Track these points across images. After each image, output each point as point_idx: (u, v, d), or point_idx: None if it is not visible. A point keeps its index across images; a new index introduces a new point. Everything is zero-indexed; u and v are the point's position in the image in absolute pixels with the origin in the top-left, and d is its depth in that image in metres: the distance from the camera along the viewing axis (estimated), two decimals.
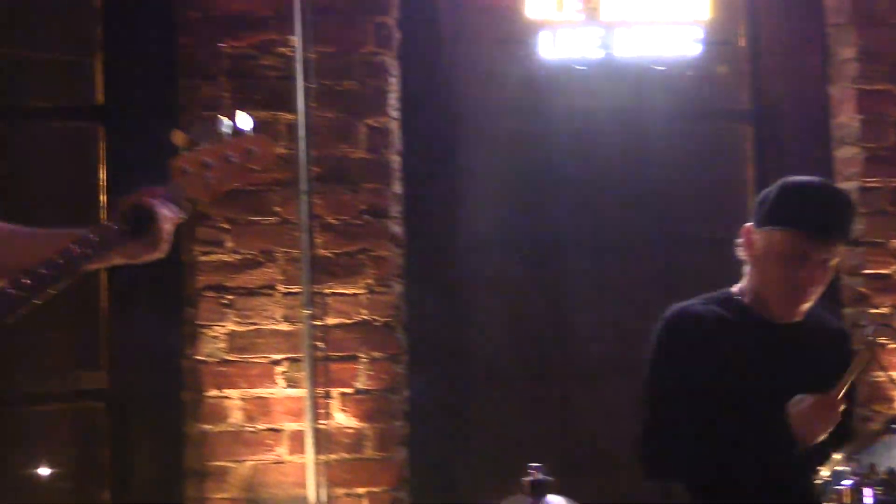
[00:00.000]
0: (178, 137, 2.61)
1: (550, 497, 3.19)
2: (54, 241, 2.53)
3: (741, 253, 3.36)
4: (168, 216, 2.53)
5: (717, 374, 3.31)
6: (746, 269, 3.36)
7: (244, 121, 2.67)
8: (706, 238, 4.76)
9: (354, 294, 4.47)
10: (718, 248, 3.61)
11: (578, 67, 4.68)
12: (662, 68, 4.70)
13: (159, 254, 2.56)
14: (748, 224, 3.30)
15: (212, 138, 2.61)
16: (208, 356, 4.41)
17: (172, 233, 2.56)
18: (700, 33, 4.62)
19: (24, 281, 2.41)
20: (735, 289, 3.40)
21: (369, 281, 4.48)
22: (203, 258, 4.44)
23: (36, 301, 2.45)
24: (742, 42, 4.93)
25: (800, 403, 3.25)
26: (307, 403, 4.35)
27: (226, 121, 2.63)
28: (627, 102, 4.79)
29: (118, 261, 2.57)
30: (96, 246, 2.49)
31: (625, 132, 4.80)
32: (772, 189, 3.35)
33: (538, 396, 4.85)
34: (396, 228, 4.56)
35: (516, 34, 4.69)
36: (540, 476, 3.15)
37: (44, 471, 4.90)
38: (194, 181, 2.57)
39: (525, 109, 4.87)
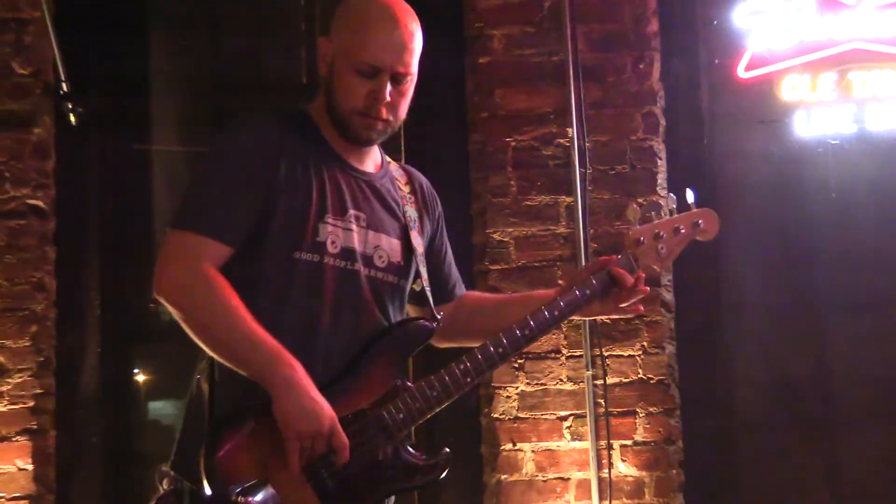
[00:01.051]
0: (632, 212, 2.91)
1: None
2: (531, 301, 2.79)
3: None
4: (629, 282, 2.73)
5: None
6: None
7: (690, 195, 2.83)
8: None
9: (631, 355, 4.57)
10: None
11: (833, 142, 4.74)
12: None
13: (617, 312, 2.80)
14: None
15: (661, 212, 2.82)
16: (503, 414, 4.55)
17: (635, 297, 2.76)
18: None
19: (518, 329, 2.68)
20: None
21: (644, 343, 4.58)
22: None
23: (517, 354, 2.79)
24: None
25: None
26: (591, 455, 4.46)
27: (674, 196, 2.82)
28: (881, 173, 4.77)
29: (580, 316, 2.83)
30: (578, 298, 2.73)
31: (879, 200, 4.78)
32: None
33: (801, 445, 4.83)
34: (667, 295, 4.65)
35: (772, 114, 4.76)
36: None
37: None
38: (647, 250, 2.78)
39: (783, 183, 4.88)
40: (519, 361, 4.52)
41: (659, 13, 4.74)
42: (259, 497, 2.48)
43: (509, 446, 4.53)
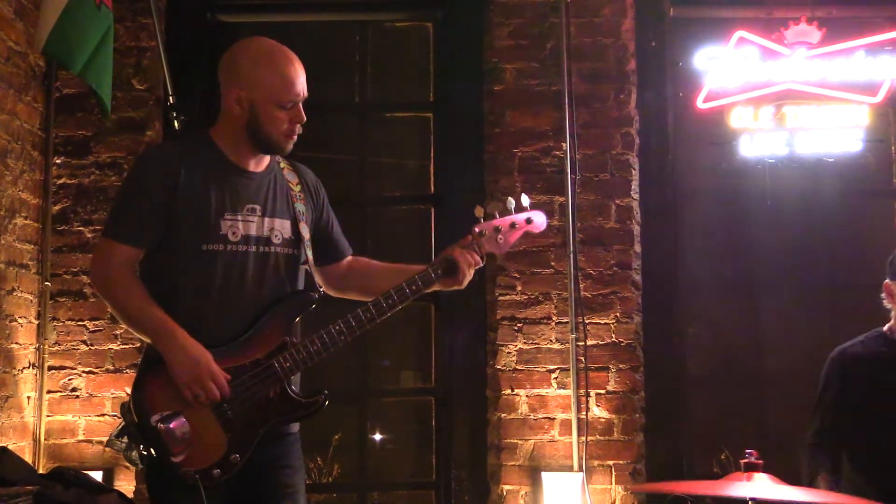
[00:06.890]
0: (478, 211, 3.01)
1: (760, 475, 3.16)
2: (404, 273, 2.99)
3: (886, 303, 3.75)
4: (470, 263, 2.96)
5: (872, 395, 3.67)
6: (893, 313, 3.77)
7: (525, 199, 3.03)
8: (865, 284, 4.47)
9: (606, 323, 4.76)
10: (874, 292, 3.86)
11: (769, 161, 4.93)
12: (832, 160, 4.92)
13: (461, 286, 2.99)
14: (887, 280, 3.70)
15: (502, 211, 3.04)
16: (504, 366, 4.74)
17: (472, 274, 2.97)
18: (861, 134, 4.87)
19: (383, 300, 2.90)
20: (885, 328, 3.80)
21: (617, 314, 4.77)
22: (501, 298, 4.79)
23: (391, 313, 2.88)
24: (892, 140, 5.17)
25: None
26: (572, 400, 4.64)
27: (512, 199, 3.05)
28: (806, 185, 5.02)
29: (438, 288, 3.00)
30: (429, 278, 2.95)
31: (804, 206, 5.04)
32: None
33: (739, 397, 5.09)
34: (636, 277, 4.84)
35: (723, 138, 4.94)
36: (752, 459, 3.16)
37: (392, 441, 5.46)
38: (489, 241, 2.99)
39: (730, 191, 5.14)
40: (518, 325, 4.71)
41: (636, 55, 4.94)
42: (173, 423, 2.71)
43: (508, 391, 4.73)
